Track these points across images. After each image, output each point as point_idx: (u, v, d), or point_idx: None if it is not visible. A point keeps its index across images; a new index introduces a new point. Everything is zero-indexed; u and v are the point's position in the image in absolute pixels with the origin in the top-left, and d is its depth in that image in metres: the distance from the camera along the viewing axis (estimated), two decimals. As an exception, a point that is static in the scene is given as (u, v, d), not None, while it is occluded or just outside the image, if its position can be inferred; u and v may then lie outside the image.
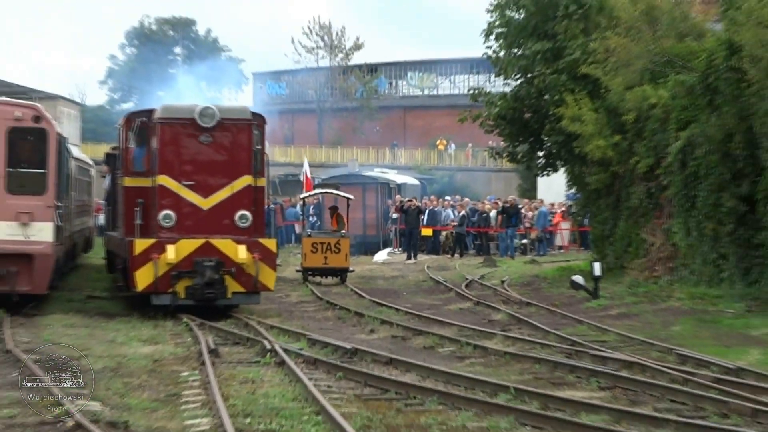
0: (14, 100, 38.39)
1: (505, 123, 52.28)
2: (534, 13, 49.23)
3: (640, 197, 45.09)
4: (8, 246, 31.34)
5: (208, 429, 17.03)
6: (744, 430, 17.33)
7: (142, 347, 26.29)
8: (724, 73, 36.39)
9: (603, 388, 21.72)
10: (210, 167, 28.58)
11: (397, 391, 20.89)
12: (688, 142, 38.85)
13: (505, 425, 17.72)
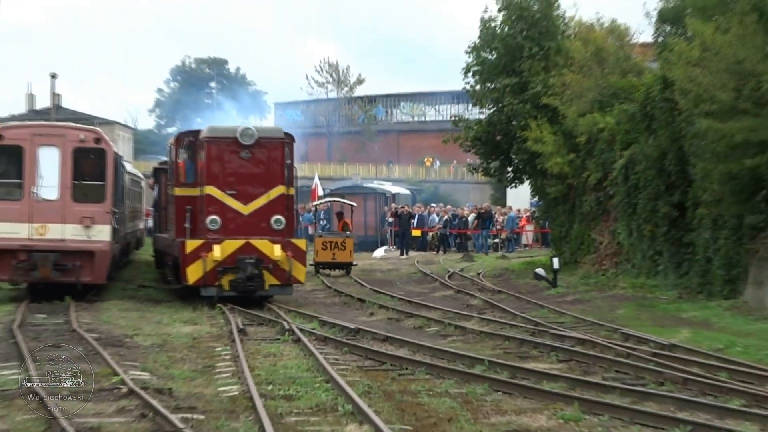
0: (79, 125, 38.56)
1: (481, 144, 52.46)
2: (503, 54, 49.43)
3: (591, 204, 45.44)
4: (74, 245, 31.66)
5: (237, 395, 17.37)
6: (676, 395, 17.61)
7: (183, 327, 26.67)
8: (659, 103, 36.72)
9: (561, 361, 22.05)
10: (249, 179, 28.77)
11: (392, 363, 21.24)
12: (630, 159, 39.14)
13: (481, 391, 17.99)
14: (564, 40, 46.99)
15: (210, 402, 16.84)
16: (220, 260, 27.86)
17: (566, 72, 43.71)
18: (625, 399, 17.07)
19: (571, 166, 44.72)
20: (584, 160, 43.87)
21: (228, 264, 28.01)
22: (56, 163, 32.11)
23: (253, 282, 28.05)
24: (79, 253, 32.10)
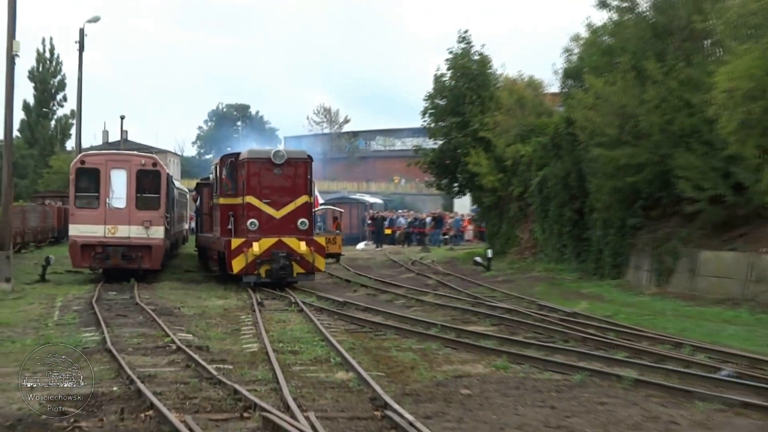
0: (140, 153, 38.88)
1: (434, 166, 52.61)
2: (451, 100, 49.54)
3: (515, 210, 45.63)
4: (137, 241, 31.84)
5: (257, 350, 17.46)
6: (577, 350, 17.64)
7: (217, 301, 26.58)
8: (564, 136, 36.78)
9: (493, 325, 22.03)
10: (280, 190, 28.89)
11: (370, 327, 21.25)
12: (543, 177, 39.19)
13: (435, 347, 18.08)
14: (495, 91, 47.13)
15: (237, 356, 16.87)
16: (258, 254, 27.78)
17: (497, 114, 44.01)
18: (540, 352, 17.10)
19: (500, 182, 44.91)
20: (510, 178, 43.95)
21: (264, 257, 27.93)
22: (124, 181, 32.33)
23: (284, 271, 28.03)
24: (141, 247, 32.23)
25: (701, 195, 27.97)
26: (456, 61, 50.64)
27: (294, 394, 12.70)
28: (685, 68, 29.52)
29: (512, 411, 12.32)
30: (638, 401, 13.00)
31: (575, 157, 35.71)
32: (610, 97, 31.26)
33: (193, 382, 14.12)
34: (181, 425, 10.54)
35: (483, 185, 47.15)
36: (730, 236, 28.09)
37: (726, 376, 14.53)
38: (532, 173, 40.77)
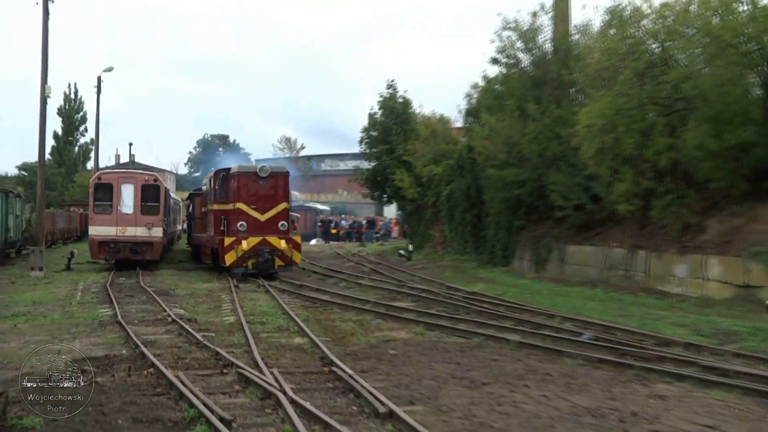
0: (144, 171, 38.55)
1: (369, 182, 52.49)
2: (381, 132, 49.46)
3: (429, 215, 45.40)
4: (142, 238, 31.57)
5: (233, 321, 17.31)
6: (476, 320, 17.70)
7: (203, 284, 26.26)
8: (466, 159, 36.95)
9: (413, 301, 22.01)
10: (264, 198, 28.24)
11: (320, 304, 21.08)
12: (450, 191, 39.19)
13: (369, 318, 18.08)
14: (414, 125, 47.17)
15: (218, 326, 16.71)
16: (246, 250, 27.24)
17: (416, 142, 44.02)
18: (448, 322, 17.19)
19: (418, 194, 44.91)
20: (426, 191, 43.94)
21: (251, 252, 27.38)
22: (131, 193, 32.20)
23: (268, 264, 27.43)
24: (144, 243, 31.99)
25: (568, 204, 28.34)
26: (385, 102, 50.75)
27: (262, 354, 12.69)
28: (556, 109, 29.83)
29: (427, 366, 12.37)
30: (521, 358, 13.12)
31: (474, 175, 35.86)
32: (500, 130, 31.54)
33: (184, 346, 14.05)
34: (175, 379, 10.53)
35: (405, 196, 47.12)
36: (589, 234, 28.42)
37: (587, 339, 14.70)
38: (442, 187, 40.77)
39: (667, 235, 24.42)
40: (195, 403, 9.24)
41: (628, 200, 25.06)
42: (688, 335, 15.40)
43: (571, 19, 33.56)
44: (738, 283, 21.07)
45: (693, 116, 22.78)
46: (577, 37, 32.13)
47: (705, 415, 9.41)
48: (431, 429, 8.30)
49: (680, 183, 24.26)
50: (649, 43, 24.84)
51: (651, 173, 24.66)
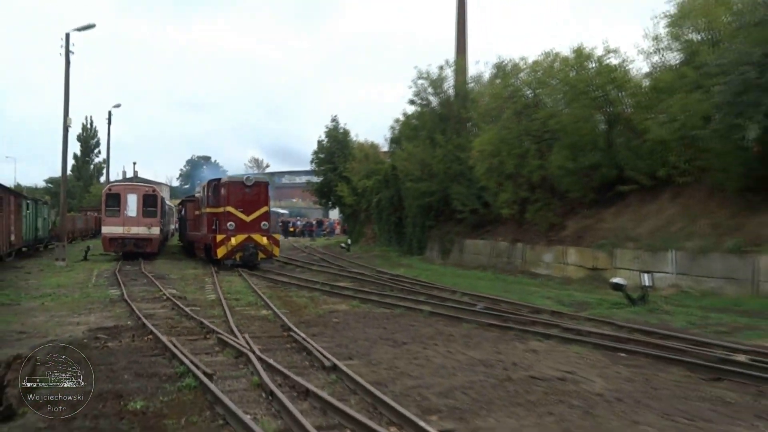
0: (145, 184, 38.15)
1: (318, 192, 52.27)
2: (326, 155, 49.35)
3: (363, 217, 45.27)
4: (143, 236, 30.82)
5: (214, 298, 16.95)
6: (398, 295, 17.72)
7: (191, 270, 25.77)
8: (391, 175, 36.98)
9: (351, 282, 21.71)
10: (250, 203, 26.41)
11: (281, 284, 20.77)
12: (379, 199, 39.11)
13: (318, 295, 17.92)
14: (352, 149, 47.06)
15: (203, 302, 16.40)
16: (235, 245, 25.72)
17: (353, 162, 43.89)
18: (377, 297, 17.06)
19: (355, 201, 44.82)
20: (360, 199, 43.87)
21: (239, 248, 25.81)
22: (135, 200, 31.50)
23: (252, 257, 25.83)
24: (145, 239, 31.29)
25: (465, 208, 28.60)
26: (330, 132, 50.56)
27: (236, 323, 12.52)
28: (457, 138, 30.07)
29: (362, 330, 12.36)
30: (432, 323, 13.18)
31: (397, 187, 35.86)
32: (415, 153, 31.67)
33: (176, 318, 13.80)
34: (168, 343, 10.35)
35: (345, 203, 47.00)
36: (481, 231, 28.71)
37: (480, 309, 14.81)
38: (373, 196, 40.67)
39: (537, 231, 24.81)
40: (184, 361, 9.12)
41: (509, 206, 25.44)
42: (553, 305, 15.61)
43: (467, 72, 33.95)
44: (589, 266, 21.51)
45: (556, 144, 23.20)
46: (472, 85, 32.49)
47: (566, 363, 9.56)
48: (364, 377, 8.30)
49: (547, 193, 24.66)
50: (525, 90, 25.23)
51: (526, 186, 25.03)
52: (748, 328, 12.33)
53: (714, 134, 16.41)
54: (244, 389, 8.14)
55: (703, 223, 18.42)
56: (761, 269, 15.90)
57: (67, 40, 32.12)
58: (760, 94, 14.63)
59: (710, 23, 19.31)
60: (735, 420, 6.99)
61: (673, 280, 18.03)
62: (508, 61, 27.71)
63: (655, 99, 20.31)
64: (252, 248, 25.68)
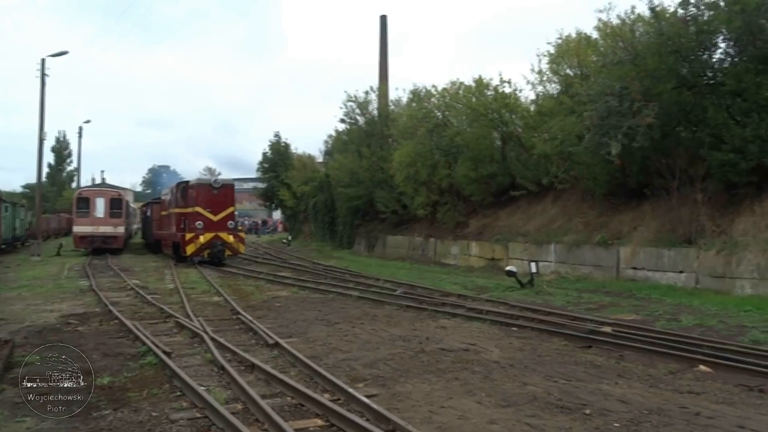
0: (112, 189, 36.70)
1: (264, 196, 51.49)
2: (270, 165, 48.39)
3: (302, 217, 44.76)
4: (110, 234, 29.79)
5: (173, 287, 16.44)
6: (331, 283, 17.69)
7: (152, 263, 24.96)
8: (325, 182, 36.58)
9: (292, 272, 21.49)
10: (217, 203, 24.22)
11: (231, 275, 20.42)
12: (315, 202, 38.66)
13: (262, 283, 17.67)
14: (292, 160, 46.33)
15: (163, 290, 15.89)
16: (204, 243, 23.58)
17: (293, 171, 43.29)
18: (313, 284, 16.94)
19: (295, 204, 44.24)
20: (299, 202, 43.36)
21: (207, 245, 23.67)
22: (103, 203, 30.35)
23: (220, 254, 23.82)
24: (112, 237, 30.14)
25: (387, 210, 28.68)
26: (273, 145, 49.64)
27: (192, 309, 12.18)
28: (380, 152, 30.10)
29: (300, 313, 12.23)
30: (360, 306, 13.15)
31: (330, 192, 35.54)
32: (345, 164, 31.51)
33: (139, 304, 13.33)
34: (132, 326, 9.99)
35: (286, 205, 46.27)
36: (400, 228, 28.86)
37: (399, 293, 14.84)
38: (310, 200, 40.28)
39: (446, 228, 25.12)
40: (146, 341, 8.82)
41: (424, 208, 25.66)
42: (459, 289, 15.76)
43: (389, 96, 34.09)
44: (488, 257, 21.91)
45: (461, 157, 23.53)
46: (392, 107, 32.60)
47: (469, 337, 9.70)
48: (302, 352, 8.21)
49: (454, 197, 24.99)
50: (435, 112, 25.48)
51: (437, 191, 25.30)
52: (612, 306, 12.74)
53: (585, 150, 16.94)
54: (199, 365, 7.93)
55: (577, 222, 19.04)
56: (621, 258, 16.55)
57: (42, 64, 30.57)
58: (620, 119, 15.20)
59: (581, 61, 19.99)
60: (602, 379, 7.21)
61: (554, 268, 18.54)
62: (422, 88, 27.96)
63: (540, 121, 20.84)
64: (219, 246, 23.88)
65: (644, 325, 10.42)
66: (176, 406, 6.20)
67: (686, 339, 9.08)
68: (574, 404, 6.13)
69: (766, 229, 13.39)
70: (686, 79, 14.88)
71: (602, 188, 18.34)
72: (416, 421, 5.60)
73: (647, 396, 6.48)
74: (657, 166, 16.17)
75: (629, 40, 16.19)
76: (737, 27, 13.74)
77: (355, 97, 33.50)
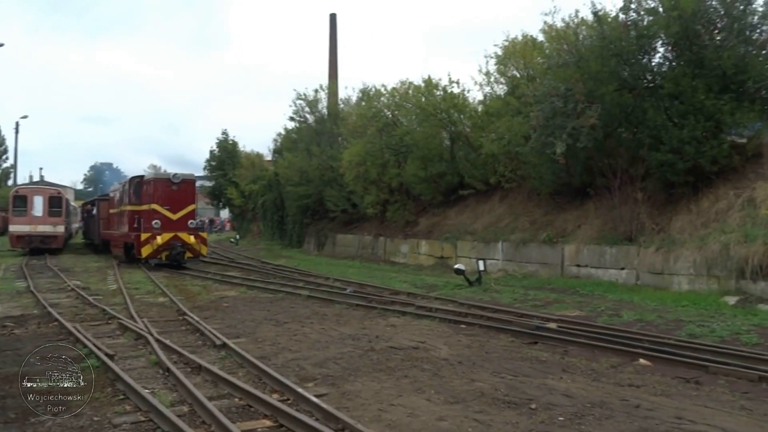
0: (51, 187, 35.56)
1: (212, 195, 50.37)
2: (217, 163, 47.64)
3: (250, 216, 44.17)
4: (49, 233, 28.65)
5: (116, 288, 16.00)
6: (280, 282, 17.47)
7: (95, 263, 24.20)
8: (274, 180, 36.23)
9: (240, 271, 21.30)
10: (177, 200, 22.28)
11: (177, 274, 20.00)
12: (264, 200, 38.34)
13: (210, 283, 17.38)
14: (240, 158, 45.73)
15: (105, 291, 15.44)
16: (161, 244, 21.63)
17: (241, 169, 42.74)
18: (262, 284, 16.80)
19: (243, 203, 43.66)
20: (248, 201, 42.78)
21: (165, 246, 21.72)
22: (41, 202, 29.15)
23: (180, 256, 21.90)
24: (51, 236, 29.00)
25: (337, 208, 28.59)
26: (220, 143, 48.83)
27: (136, 310, 11.88)
28: (330, 150, 29.96)
29: (248, 313, 12.08)
30: (309, 305, 13.08)
31: (279, 191, 35.26)
32: (295, 162, 31.25)
33: (80, 306, 12.90)
34: (72, 329, 9.66)
35: (234, 204, 45.67)
36: (350, 227, 28.83)
37: (349, 292, 14.86)
38: (258, 198, 39.84)
39: (396, 227, 25.23)
40: (87, 344, 8.53)
41: (373, 206, 25.70)
42: (409, 287, 15.85)
43: (338, 95, 34.06)
44: (437, 255, 22.11)
45: (411, 156, 23.67)
46: (342, 106, 32.57)
47: (419, 335, 9.77)
48: (250, 352, 8.11)
49: (404, 196, 25.13)
50: (385, 111, 25.53)
51: (387, 190, 25.38)
52: (557, 302, 13.03)
53: (531, 150, 17.27)
54: (143, 367, 7.73)
55: (523, 220, 19.41)
56: (566, 255, 16.97)
57: (-26, 56, 29.35)
58: (565, 119, 15.57)
59: (527, 63, 20.40)
60: (547, 374, 7.37)
61: (502, 265, 18.85)
62: (371, 87, 28.05)
63: (488, 121, 21.16)
64: (179, 247, 21.93)
65: (587, 320, 10.72)
66: (119, 410, 6.03)
67: (627, 334, 9.39)
68: (520, 399, 6.25)
69: (701, 227, 13.95)
70: (627, 81, 15.35)
71: (548, 187, 18.75)
72: (366, 419, 5.60)
73: (590, 390, 6.67)
74: (600, 166, 16.66)
75: (573, 43, 16.59)
76: (675, 32, 14.25)
77: (305, 95, 33.39)
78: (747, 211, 13.20)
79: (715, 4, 14.31)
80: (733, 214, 13.47)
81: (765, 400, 6.35)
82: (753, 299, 11.74)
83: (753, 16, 14.13)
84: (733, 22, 14.00)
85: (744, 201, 13.53)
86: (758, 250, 11.87)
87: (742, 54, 13.91)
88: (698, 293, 12.82)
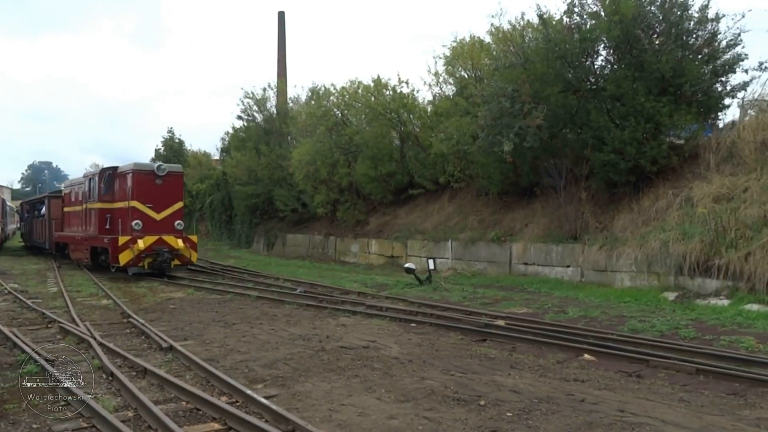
0: (-15, 187, 34.10)
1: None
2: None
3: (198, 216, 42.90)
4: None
5: (56, 291, 15.45)
6: (229, 282, 17.14)
7: (33, 265, 23.24)
8: (222, 180, 35.65)
9: (187, 272, 20.25)
10: (162, 197, 18.87)
11: (122, 277, 19.03)
12: (212, 200, 37.72)
13: (156, 285, 16.87)
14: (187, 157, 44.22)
15: (44, 294, 14.84)
16: (143, 249, 18.16)
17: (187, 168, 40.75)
18: (210, 285, 16.52)
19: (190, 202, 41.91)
20: (195, 200, 41.56)
21: (147, 252, 18.29)
22: (-25, 202, 27.93)
23: (166, 263, 18.54)
24: (-15, 239, 27.81)
25: (287, 208, 28.36)
26: (166, 142, 47.55)
27: (78, 313, 11.49)
28: (279, 149, 29.70)
29: (196, 314, 11.84)
30: (259, 306, 12.94)
31: (227, 190, 34.78)
32: (243, 161, 30.82)
33: (17, 310, 12.37)
34: (10, 333, 9.25)
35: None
36: (300, 227, 28.64)
37: (299, 292, 14.78)
38: (206, 198, 39.16)
39: (346, 226, 25.21)
40: (26, 349, 8.19)
41: (323, 206, 25.61)
42: (359, 287, 15.87)
43: (287, 93, 33.77)
44: (388, 255, 22.20)
45: (360, 156, 23.68)
46: (291, 105, 32.35)
47: (369, 334, 9.78)
48: (198, 355, 7.95)
49: (354, 195, 25.12)
50: (335, 111, 25.45)
51: (337, 189, 25.32)
52: (505, 300, 13.22)
53: (480, 149, 17.55)
54: (85, 372, 7.47)
55: (472, 219, 19.69)
56: (514, 254, 17.30)
57: None
58: (512, 119, 15.88)
59: (475, 64, 20.72)
60: (496, 371, 7.48)
61: (451, 264, 19.08)
62: (321, 86, 27.98)
63: (437, 121, 21.39)
64: (166, 253, 18.61)
65: (535, 317, 10.96)
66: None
67: (572, 330, 9.65)
68: (469, 396, 6.33)
69: (642, 226, 14.45)
70: (571, 83, 15.76)
71: (496, 187, 19.08)
72: (316, 420, 5.58)
73: (537, 385, 6.81)
74: (546, 166, 17.05)
75: (519, 45, 16.93)
76: (616, 36, 14.72)
77: (253, 94, 32.93)
78: (685, 210, 13.74)
79: (654, 9, 14.88)
80: (672, 212, 14.00)
81: (702, 392, 6.59)
82: (691, 294, 12.24)
83: (689, 22, 14.76)
84: (671, 27, 14.58)
85: (682, 200, 14.08)
86: (695, 248, 12.38)
87: (680, 58, 14.50)
88: (640, 289, 13.26)
